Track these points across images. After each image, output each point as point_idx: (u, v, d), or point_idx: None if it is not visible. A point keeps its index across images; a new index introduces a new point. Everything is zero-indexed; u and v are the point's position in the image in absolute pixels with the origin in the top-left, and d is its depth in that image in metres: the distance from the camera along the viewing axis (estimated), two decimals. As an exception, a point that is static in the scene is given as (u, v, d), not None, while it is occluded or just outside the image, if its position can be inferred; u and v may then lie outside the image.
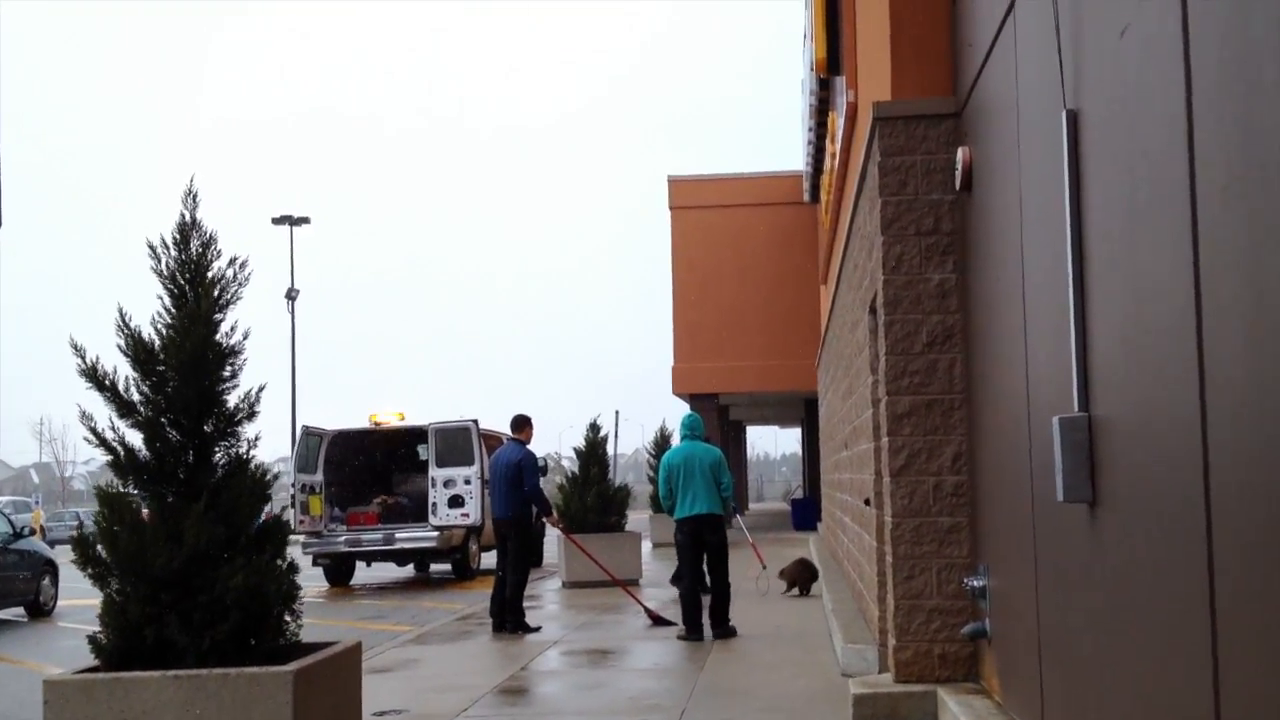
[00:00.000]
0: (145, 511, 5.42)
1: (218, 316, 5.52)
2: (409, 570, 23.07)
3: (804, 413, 38.50)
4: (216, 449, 5.57)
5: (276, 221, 44.78)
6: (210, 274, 5.51)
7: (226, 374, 5.57)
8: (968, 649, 6.74)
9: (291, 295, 45.15)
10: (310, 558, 20.07)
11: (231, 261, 5.58)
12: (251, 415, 5.65)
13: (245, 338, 5.59)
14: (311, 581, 21.32)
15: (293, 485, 19.24)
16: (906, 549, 6.92)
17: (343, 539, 19.57)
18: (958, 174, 6.83)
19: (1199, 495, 3.05)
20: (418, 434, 20.44)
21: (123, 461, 5.41)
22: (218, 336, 5.54)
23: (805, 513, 29.99)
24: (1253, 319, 2.72)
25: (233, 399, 5.60)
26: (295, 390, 45.12)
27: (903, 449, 7.04)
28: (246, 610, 5.34)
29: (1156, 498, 3.45)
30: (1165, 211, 3.27)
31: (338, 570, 20.37)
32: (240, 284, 5.57)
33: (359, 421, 20.81)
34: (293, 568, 5.70)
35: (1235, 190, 2.78)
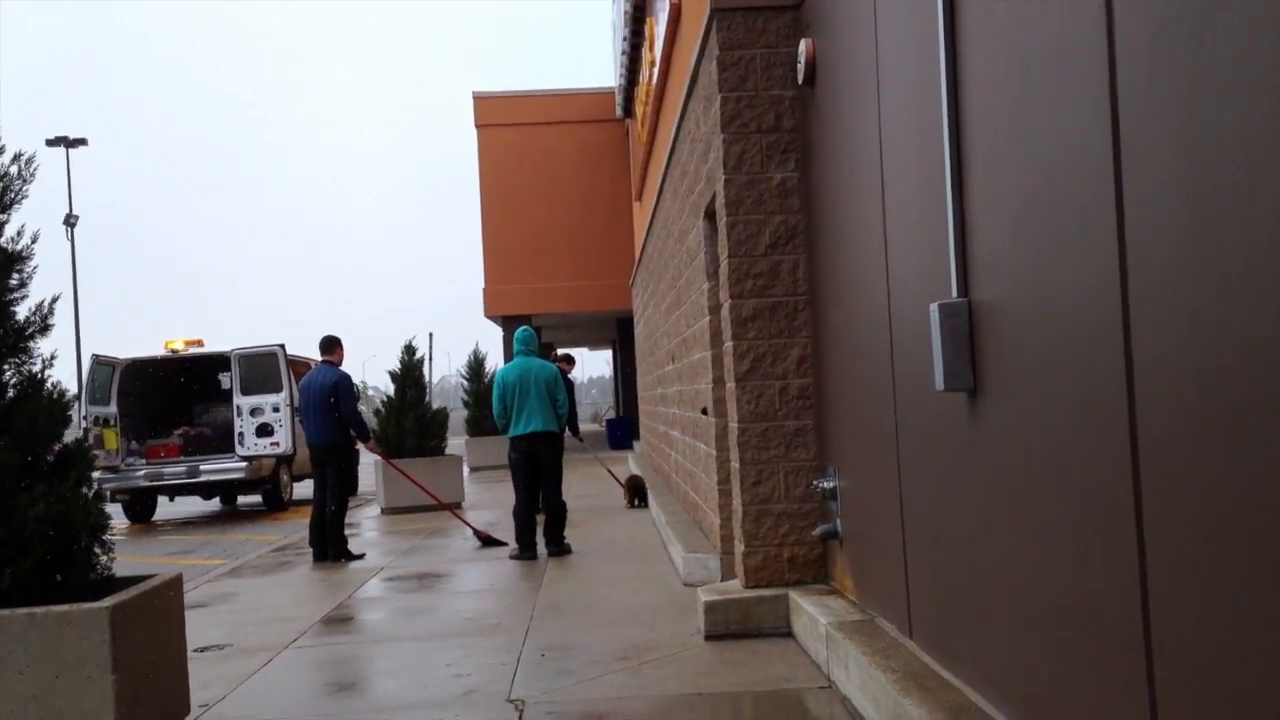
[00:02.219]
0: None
1: (1, 218, 4.87)
2: (215, 504, 22.11)
3: (616, 333, 38.47)
4: (6, 366, 4.95)
5: (51, 143, 41.88)
6: (-11, 170, 4.85)
7: (14, 283, 4.95)
8: (817, 551, 6.67)
9: (70, 222, 42.44)
10: (108, 494, 18.96)
11: (16, 158, 4.93)
12: (45, 329, 5.04)
13: (34, 242, 4.97)
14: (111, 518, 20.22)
15: (84, 418, 18.03)
16: (753, 454, 6.77)
17: (142, 473, 18.51)
18: (800, 67, 6.62)
19: (1119, 377, 2.90)
20: (220, 361, 19.42)
21: (-104, 382, 4.75)
22: (2, 241, 4.90)
23: (621, 432, 30.03)
24: (1189, 190, 2.54)
25: (22, 310, 4.99)
26: (79, 322, 42.63)
27: (747, 353, 6.87)
28: (50, 543, 4.79)
29: (1058, 383, 3.30)
30: (1075, 71, 3.07)
31: (137, 506, 19.30)
32: (25, 181, 4.92)
33: (155, 350, 19.65)
34: (100, 496, 5.15)
35: (1169, 38, 2.59)
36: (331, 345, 11.91)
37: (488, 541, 11.74)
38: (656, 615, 7.42)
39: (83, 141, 42.57)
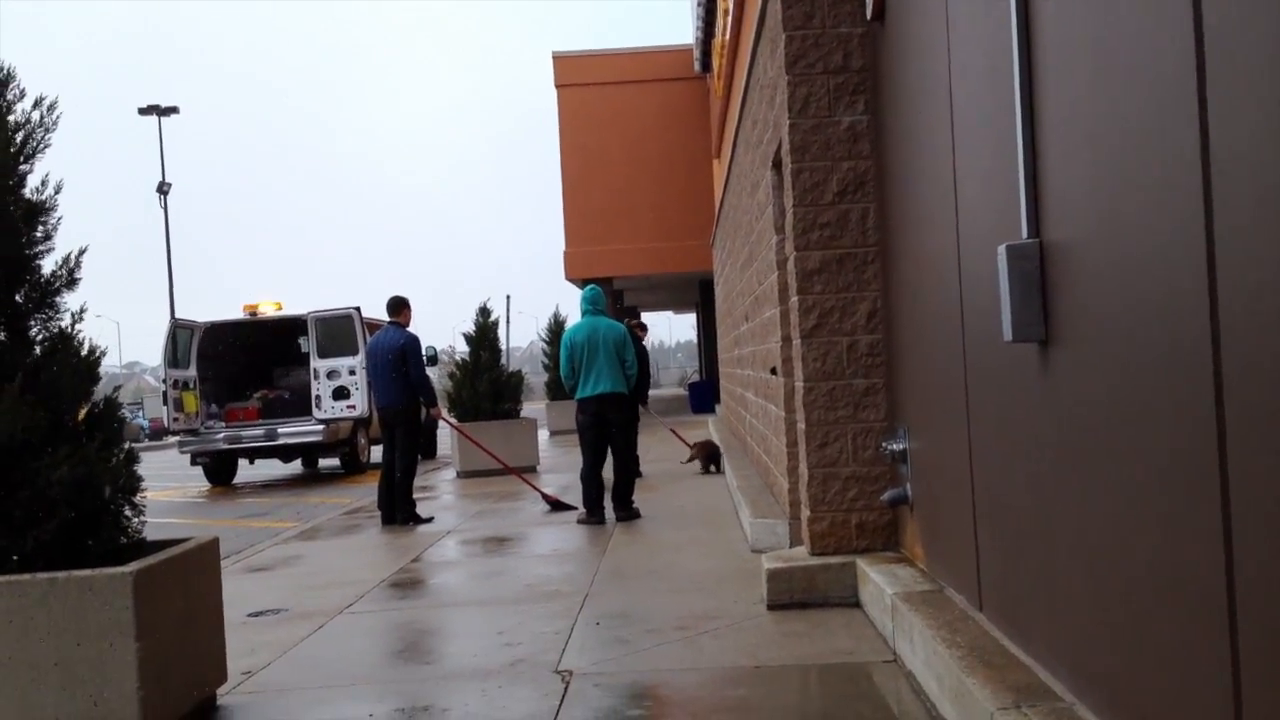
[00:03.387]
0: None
1: (23, 167, 4.69)
2: (295, 466, 22.27)
3: (699, 296, 38.10)
4: (32, 323, 4.78)
5: (144, 112, 42.49)
6: (11, 118, 4.66)
7: (39, 234, 4.77)
8: (887, 517, 6.30)
9: (163, 189, 43.09)
10: (189, 456, 19.16)
11: (37, 103, 4.73)
12: (72, 283, 4.86)
13: (58, 192, 4.77)
14: (191, 482, 20.47)
15: (164, 381, 18.19)
16: (820, 414, 6.41)
17: (221, 436, 18.65)
18: (869, 1, 6.20)
19: (1204, 326, 2.50)
20: (297, 324, 19.46)
21: (-84, 339, 4.60)
22: (25, 191, 4.72)
23: (703, 396, 29.73)
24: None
25: (48, 264, 4.81)
26: (173, 288, 43.36)
27: (814, 308, 6.50)
28: (76, 506, 4.62)
29: (1137, 332, 2.90)
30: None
31: (218, 469, 19.48)
32: (48, 129, 4.73)
33: (234, 314, 19.76)
34: (131, 457, 4.97)
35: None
36: (399, 306, 11.74)
37: (557, 506, 11.54)
38: (720, 583, 7.12)
39: (174, 110, 43.11)
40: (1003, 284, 3.70)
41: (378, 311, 18.91)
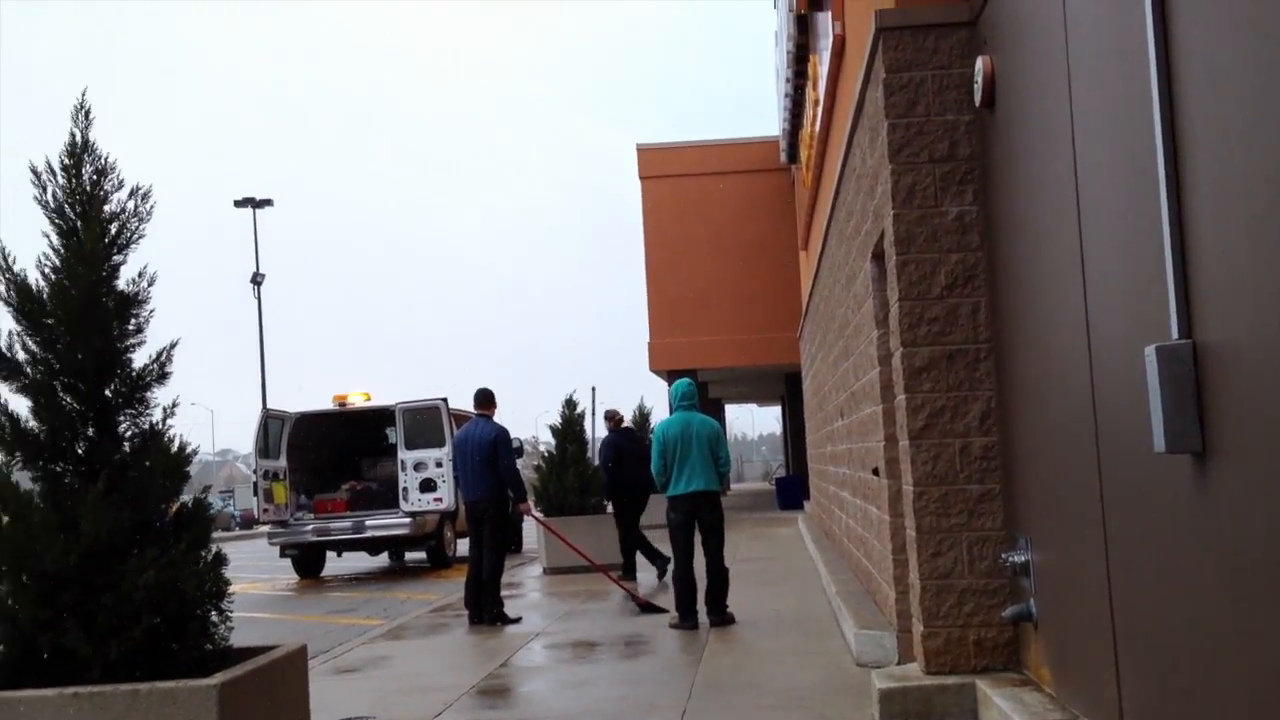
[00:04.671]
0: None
1: (116, 258, 4.60)
2: (382, 559, 22.16)
3: (784, 389, 37.74)
4: (121, 418, 4.66)
5: (239, 204, 43.57)
6: (107, 207, 4.59)
7: (130, 328, 4.67)
8: (1007, 634, 5.91)
9: (257, 279, 43.97)
10: (278, 549, 19.15)
11: (133, 193, 4.66)
12: (163, 377, 4.74)
13: (151, 284, 4.68)
14: (281, 574, 20.43)
15: (254, 472, 18.24)
16: (931, 521, 6.07)
17: (310, 528, 18.61)
18: (977, 88, 5.97)
19: None
20: (385, 415, 19.47)
21: (7, 434, 4.49)
22: (118, 283, 4.63)
23: (791, 491, 29.19)
24: None
25: (139, 358, 4.70)
26: (265, 376, 43.97)
27: (923, 407, 6.20)
28: (161, 612, 4.44)
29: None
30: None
31: (307, 561, 19.44)
32: (143, 219, 4.65)
33: (324, 404, 19.86)
34: (219, 559, 4.79)
35: None
36: (487, 399, 11.61)
37: (646, 608, 11.19)
38: (826, 699, 6.73)
39: (268, 202, 44.16)
40: (1151, 389, 3.40)
41: (463, 402, 18.93)
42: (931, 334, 6.21)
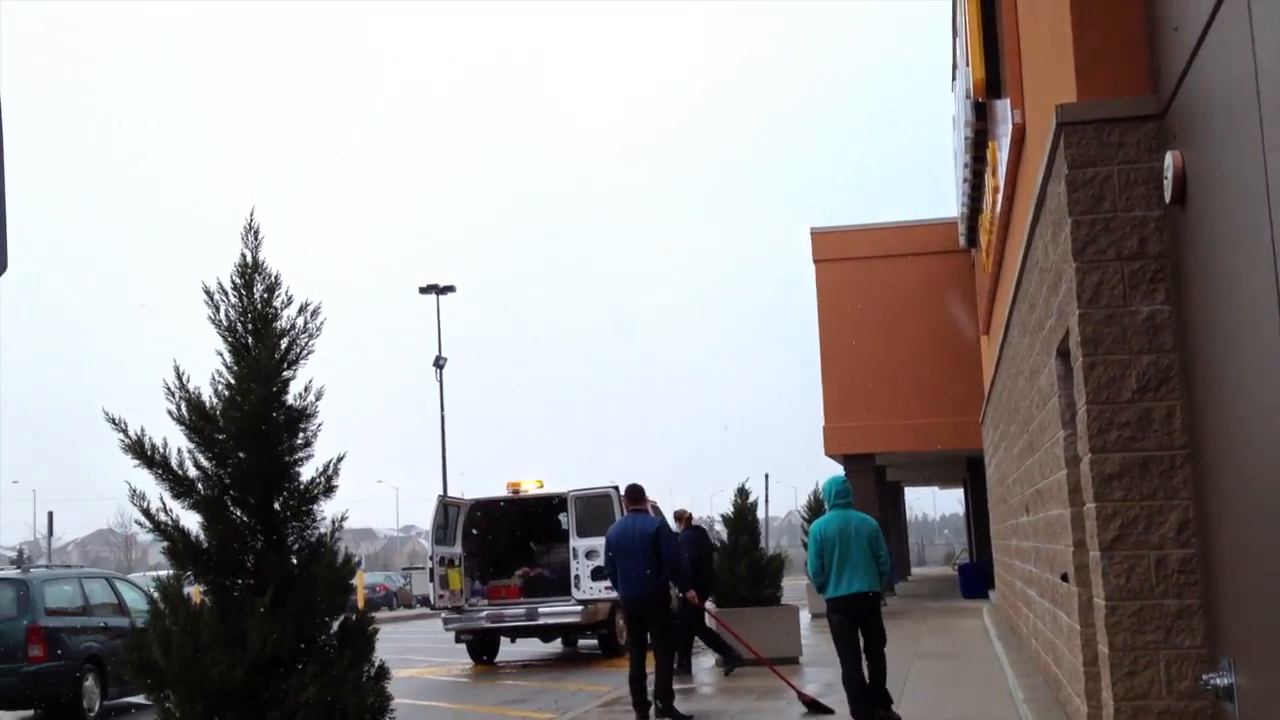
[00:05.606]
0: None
1: (286, 373, 4.68)
2: (555, 645, 22.17)
3: (967, 472, 36.61)
4: (288, 531, 4.71)
5: (424, 290, 45.01)
6: (277, 324, 4.69)
7: (299, 441, 4.73)
8: (1212, 765, 5.44)
9: (439, 363, 45.20)
10: (453, 634, 19.35)
11: (302, 309, 4.75)
12: (329, 490, 4.78)
13: (318, 399, 4.75)
14: (456, 658, 20.62)
15: (430, 558, 18.52)
16: (1126, 638, 5.67)
17: (484, 614, 18.76)
18: (1167, 184, 5.64)
19: None
20: (558, 502, 19.58)
21: (179, 549, 4.58)
22: (287, 397, 4.71)
23: (975, 580, 28.11)
24: None
25: (307, 471, 4.76)
26: (445, 461, 45.01)
27: (1114, 517, 5.83)
28: (323, 729, 4.43)
29: None
30: None
31: (481, 646, 19.57)
32: (312, 335, 4.73)
33: (501, 489, 20.10)
34: (382, 673, 4.78)
35: None
36: (640, 495, 11.52)
37: (814, 707, 10.82)
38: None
39: (451, 289, 45.49)
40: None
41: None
42: (1123, 439, 5.86)
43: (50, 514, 49.46)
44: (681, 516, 15.94)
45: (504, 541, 20.72)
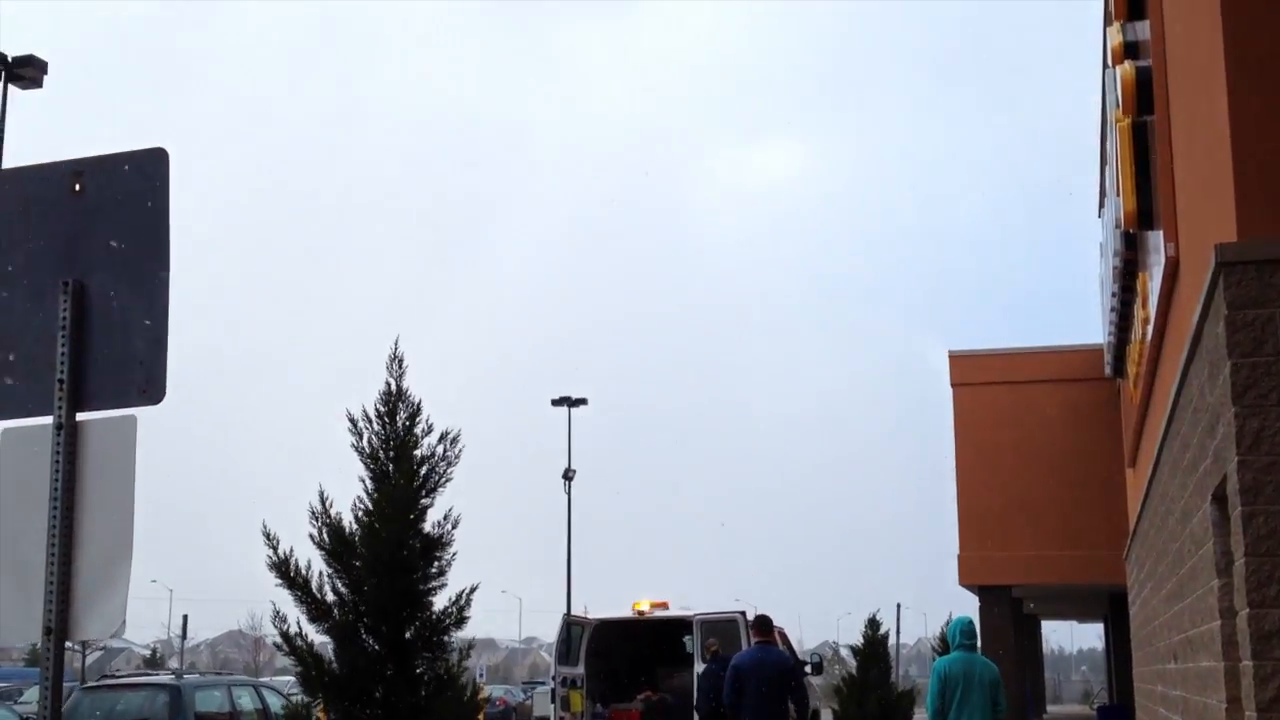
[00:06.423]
0: None
1: (424, 501, 4.73)
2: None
3: (1108, 607, 35.09)
4: (419, 662, 4.70)
5: (556, 403, 45.52)
6: (418, 451, 4.73)
7: (433, 570, 4.76)
8: None
9: (569, 475, 45.47)
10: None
11: (443, 437, 4.81)
12: (460, 621, 4.77)
13: (455, 527, 4.76)
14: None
15: (553, 678, 18.37)
16: (1291, 813, 5.27)
17: (604, 738, 18.47)
18: (1336, 327, 5.41)
19: None
20: (683, 624, 19.30)
21: (311, 675, 4.59)
22: (425, 525, 4.74)
23: (1116, 723, 26.77)
24: None
25: (440, 601, 4.76)
26: (570, 574, 45.00)
27: (1273, 676, 5.48)
28: None
29: None
30: None
31: (601, 772, 19.23)
32: (450, 463, 4.77)
33: (624, 608, 19.90)
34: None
35: None
36: (769, 626, 11.21)
37: None
38: None
39: (583, 401, 45.94)
40: None
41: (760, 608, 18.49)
42: (1285, 596, 5.52)
43: (185, 616, 51.21)
44: (709, 648, 14.97)
45: (626, 664, 20.45)
